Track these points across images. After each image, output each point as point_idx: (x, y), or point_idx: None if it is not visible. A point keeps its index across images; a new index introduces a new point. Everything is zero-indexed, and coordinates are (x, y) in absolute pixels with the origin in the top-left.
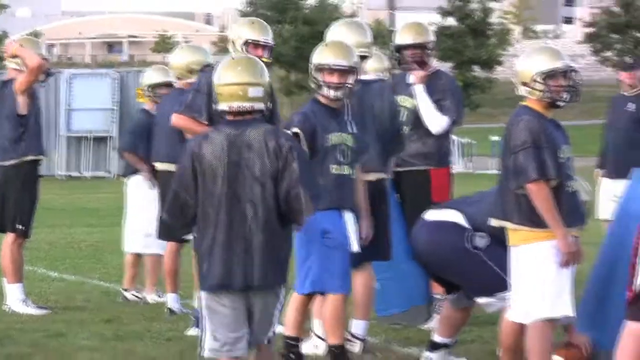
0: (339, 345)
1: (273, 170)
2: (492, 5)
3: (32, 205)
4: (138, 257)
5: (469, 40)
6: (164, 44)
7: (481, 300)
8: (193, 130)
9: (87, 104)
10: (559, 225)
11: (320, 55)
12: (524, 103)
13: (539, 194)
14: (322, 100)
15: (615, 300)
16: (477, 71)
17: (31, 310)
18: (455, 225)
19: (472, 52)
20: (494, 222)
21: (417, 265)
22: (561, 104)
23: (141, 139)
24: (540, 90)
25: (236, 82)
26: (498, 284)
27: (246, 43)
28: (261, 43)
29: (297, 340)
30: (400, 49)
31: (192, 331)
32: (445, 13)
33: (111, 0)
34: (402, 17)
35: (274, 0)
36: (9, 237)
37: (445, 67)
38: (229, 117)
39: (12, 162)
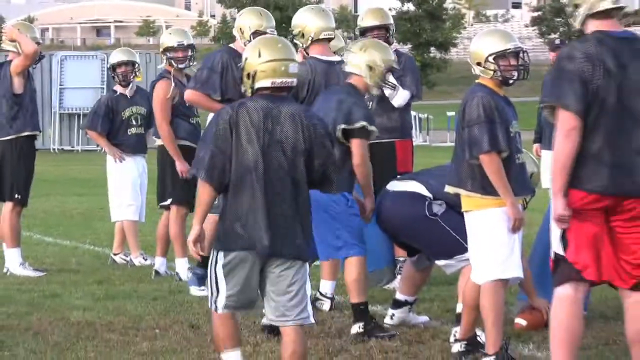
0: (365, 302)
1: (307, 145)
2: None
3: (28, 176)
4: (133, 224)
5: (426, 24)
6: (148, 28)
7: (440, 262)
8: (207, 106)
9: (77, 84)
10: (509, 193)
11: None
12: (478, 81)
13: (491, 165)
14: None
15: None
16: (434, 52)
17: (28, 272)
18: (416, 195)
19: (428, 35)
20: (449, 189)
21: (381, 231)
22: (511, 82)
23: (104, 118)
24: (493, 70)
25: (280, 59)
26: (455, 247)
27: (255, 32)
28: (269, 32)
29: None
30: (364, 31)
31: (194, 290)
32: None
33: None
34: (365, 2)
35: None
36: (8, 205)
37: (405, 48)
38: (265, 92)
39: (9, 137)
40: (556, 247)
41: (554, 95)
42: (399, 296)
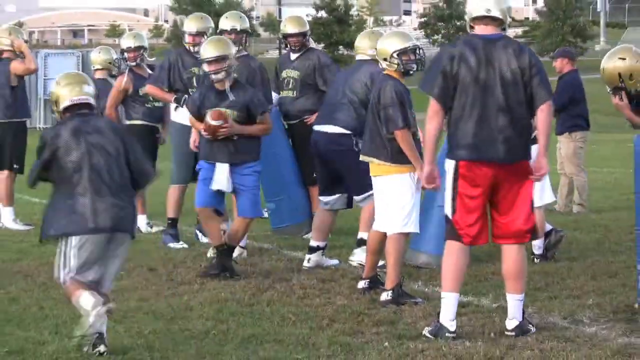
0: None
1: None
2: (351, 1)
3: (23, 150)
4: None
5: (335, 27)
6: (114, 31)
7: (359, 197)
8: (160, 96)
9: (58, 75)
10: (419, 160)
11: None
12: (385, 73)
13: (404, 138)
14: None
15: (435, 216)
16: (342, 50)
17: (19, 226)
18: (343, 134)
19: (338, 36)
20: (363, 158)
21: (302, 190)
22: (411, 73)
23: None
24: (397, 64)
25: None
26: (369, 182)
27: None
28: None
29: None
30: (286, 36)
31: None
32: (318, 7)
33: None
34: (287, 10)
35: None
36: (4, 172)
37: (319, 47)
38: None
39: (6, 120)
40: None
41: None
42: (313, 243)
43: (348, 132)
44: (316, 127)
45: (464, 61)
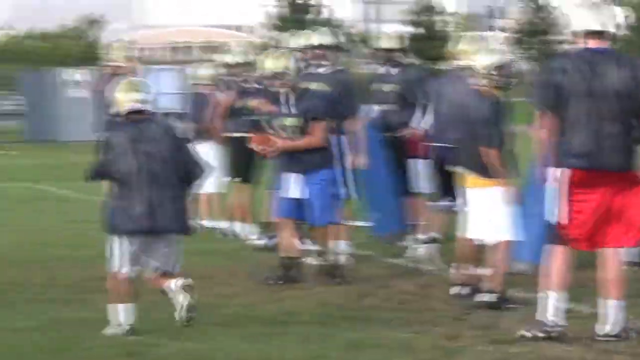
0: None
1: None
2: (447, 18)
3: None
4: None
5: (431, 43)
6: (213, 47)
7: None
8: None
9: (161, 89)
10: (506, 178)
11: None
12: (478, 88)
13: (495, 156)
14: None
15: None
16: (437, 65)
17: None
18: None
19: (434, 52)
20: (457, 169)
21: (401, 200)
22: (506, 87)
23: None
24: (490, 79)
25: None
26: None
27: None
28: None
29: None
30: (384, 51)
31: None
32: (414, 24)
33: (177, 18)
34: (385, 27)
35: (288, 15)
36: None
37: (415, 62)
38: None
39: None
40: None
41: None
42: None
43: None
44: (438, 143)
45: (575, 73)
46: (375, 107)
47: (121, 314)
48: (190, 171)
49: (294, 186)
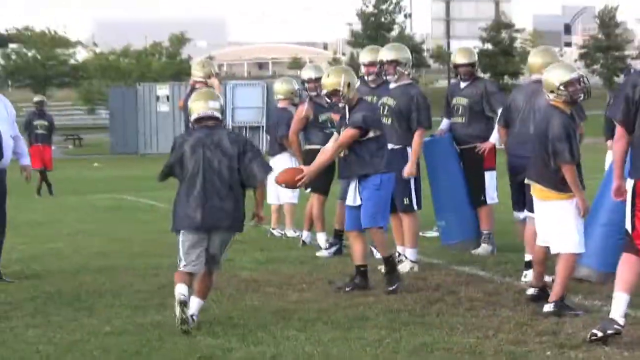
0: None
1: None
2: (515, 35)
3: None
4: (279, 206)
5: (500, 58)
6: (296, 63)
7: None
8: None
9: (245, 104)
10: (581, 192)
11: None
12: (552, 104)
13: (570, 172)
14: None
15: (596, 232)
16: (507, 79)
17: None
18: None
19: (502, 67)
20: (528, 181)
21: (471, 210)
22: (579, 101)
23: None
24: (564, 95)
25: None
26: None
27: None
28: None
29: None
30: (456, 66)
31: (321, 253)
32: (484, 40)
33: (261, 34)
34: (456, 43)
35: (368, 32)
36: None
37: (485, 76)
38: None
39: None
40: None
41: None
42: (528, 257)
43: None
44: (513, 155)
45: None
46: (449, 120)
47: (177, 289)
48: (250, 177)
49: (352, 194)
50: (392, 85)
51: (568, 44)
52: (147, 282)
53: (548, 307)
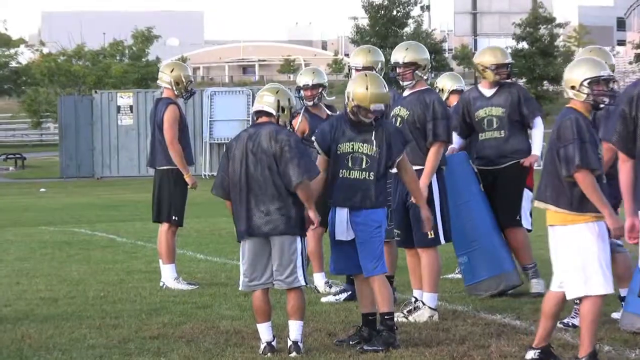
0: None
1: None
2: (557, 31)
3: (183, 201)
4: None
5: (539, 60)
6: (288, 67)
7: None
8: None
9: (226, 115)
10: (606, 206)
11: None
12: (569, 106)
13: (585, 180)
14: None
15: None
16: (547, 85)
17: (182, 286)
18: None
19: (541, 70)
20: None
21: (498, 238)
22: (602, 106)
23: None
24: (586, 94)
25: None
26: None
27: (364, 68)
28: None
29: None
30: (484, 68)
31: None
32: (519, 38)
33: (245, 31)
34: (484, 42)
35: (377, 29)
36: (164, 226)
37: (520, 82)
38: None
39: (166, 167)
40: None
41: None
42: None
43: None
44: None
45: None
46: (463, 139)
47: (260, 332)
48: (286, 180)
49: (340, 225)
50: (405, 93)
51: (621, 42)
52: (105, 334)
53: None
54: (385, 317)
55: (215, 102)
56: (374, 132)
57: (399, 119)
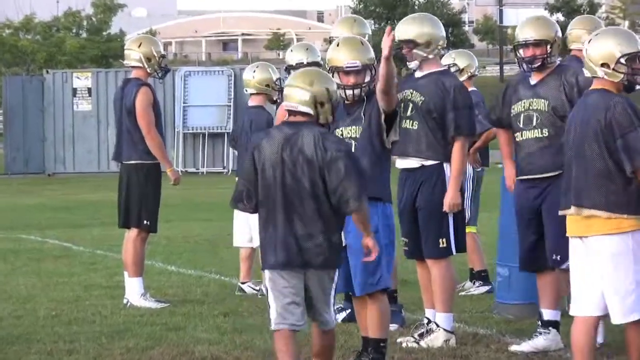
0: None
1: None
2: (599, 0)
3: (156, 202)
4: (252, 250)
5: None
6: (277, 42)
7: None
8: None
9: (202, 101)
10: None
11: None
12: (596, 87)
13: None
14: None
15: None
16: None
17: (150, 304)
18: None
19: None
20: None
21: None
22: (638, 87)
23: None
24: (623, 73)
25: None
26: None
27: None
28: None
29: None
30: (520, 46)
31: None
32: (553, 8)
33: (226, 0)
34: (511, 12)
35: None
36: (133, 232)
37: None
38: None
39: (134, 161)
40: None
41: None
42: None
43: None
44: None
45: None
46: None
47: None
48: (341, 201)
49: None
50: (417, 74)
51: None
52: None
53: None
54: (381, 344)
55: (189, 84)
56: (363, 111)
57: (410, 105)
